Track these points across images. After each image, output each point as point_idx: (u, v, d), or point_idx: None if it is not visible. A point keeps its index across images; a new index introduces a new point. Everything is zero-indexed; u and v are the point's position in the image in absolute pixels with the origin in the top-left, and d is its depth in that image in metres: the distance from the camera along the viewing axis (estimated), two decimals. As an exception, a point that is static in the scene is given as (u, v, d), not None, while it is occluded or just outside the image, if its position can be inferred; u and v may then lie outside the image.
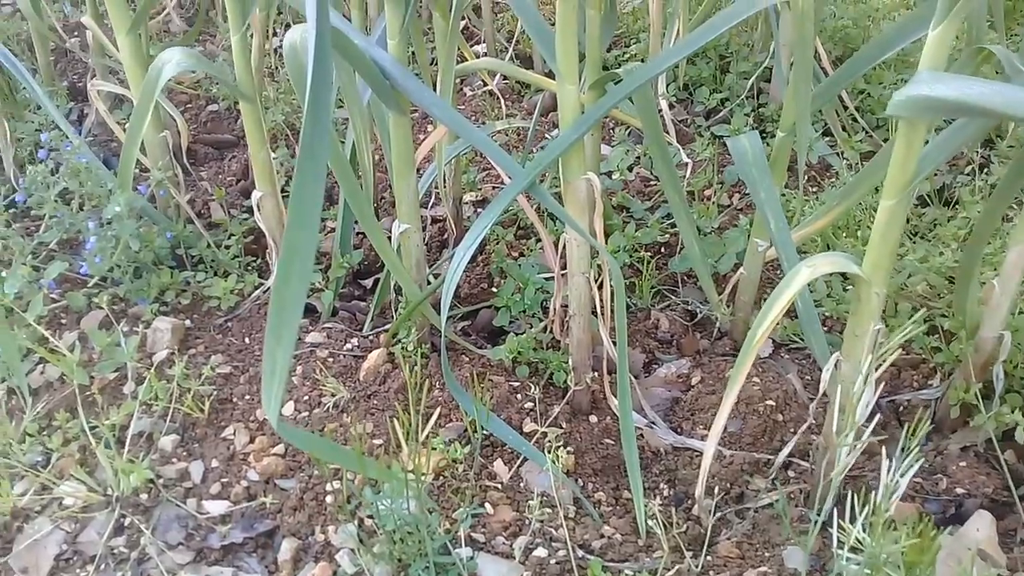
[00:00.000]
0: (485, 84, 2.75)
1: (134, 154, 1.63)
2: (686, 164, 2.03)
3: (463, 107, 2.64)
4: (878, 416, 1.31)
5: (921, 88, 1.01)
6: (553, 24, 1.28)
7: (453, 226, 1.99)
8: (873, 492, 1.09)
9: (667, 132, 2.20)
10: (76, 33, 3.07)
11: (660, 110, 2.23)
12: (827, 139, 2.27)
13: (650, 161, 2.30)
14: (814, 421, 1.41)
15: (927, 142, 1.18)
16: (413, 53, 1.90)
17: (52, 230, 1.81)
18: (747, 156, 1.47)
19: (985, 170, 2.07)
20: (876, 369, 1.15)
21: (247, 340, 1.72)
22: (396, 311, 1.77)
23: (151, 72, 1.50)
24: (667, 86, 2.48)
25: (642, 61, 2.66)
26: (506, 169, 1.44)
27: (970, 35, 1.39)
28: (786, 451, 1.42)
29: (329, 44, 0.99)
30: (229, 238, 1.93)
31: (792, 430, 1.54)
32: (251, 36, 1.80)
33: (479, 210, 2.21)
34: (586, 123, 1.36)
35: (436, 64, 2.31)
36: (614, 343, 1.51)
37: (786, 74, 2.11)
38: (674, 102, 2.52)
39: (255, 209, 1.68)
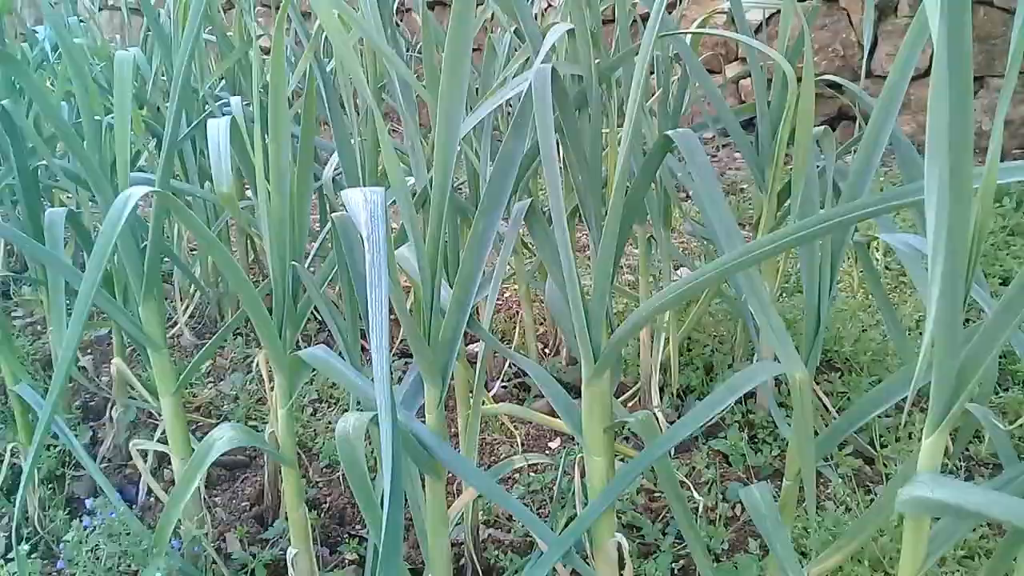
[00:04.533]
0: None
1: (175, 519, 1.69)
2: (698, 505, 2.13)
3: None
4: None
5: (923, 491, 1.14)
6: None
7: (471, 553, 2.06)
8: None
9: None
10: (89, 351, 3.22)
11: (657, 419, 2.37)
12: (816, 446, 2.41)
13: (652, 474, 2.41)
14: None
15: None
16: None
17: (82, 589, 1.85)
18: (760, 509, 1.57)
19: (970, 480, 2.21)
20: None
21: None
22: (425, 658, 1.79)
23: (202, 447, 1.61)
24: (660, 397, 2.65)
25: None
26: (540, 536, 1.54)
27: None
28: None
29: (402, 465, 1.11)
30: (252, 578, 1.97)
31: None
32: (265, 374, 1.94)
33: (490, 531, 2.28)
34: (613, 492, 1.47)
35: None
36: None
37: (771, 387, 2.30)
38: (668, 410, 2.68)
39: (289, 566, 1.74)
